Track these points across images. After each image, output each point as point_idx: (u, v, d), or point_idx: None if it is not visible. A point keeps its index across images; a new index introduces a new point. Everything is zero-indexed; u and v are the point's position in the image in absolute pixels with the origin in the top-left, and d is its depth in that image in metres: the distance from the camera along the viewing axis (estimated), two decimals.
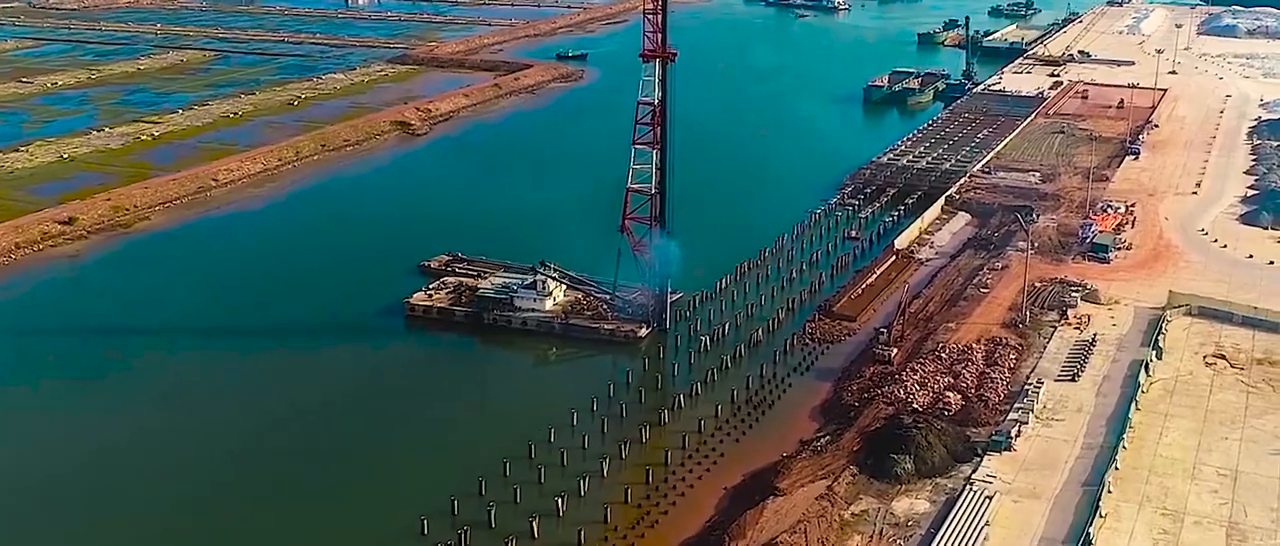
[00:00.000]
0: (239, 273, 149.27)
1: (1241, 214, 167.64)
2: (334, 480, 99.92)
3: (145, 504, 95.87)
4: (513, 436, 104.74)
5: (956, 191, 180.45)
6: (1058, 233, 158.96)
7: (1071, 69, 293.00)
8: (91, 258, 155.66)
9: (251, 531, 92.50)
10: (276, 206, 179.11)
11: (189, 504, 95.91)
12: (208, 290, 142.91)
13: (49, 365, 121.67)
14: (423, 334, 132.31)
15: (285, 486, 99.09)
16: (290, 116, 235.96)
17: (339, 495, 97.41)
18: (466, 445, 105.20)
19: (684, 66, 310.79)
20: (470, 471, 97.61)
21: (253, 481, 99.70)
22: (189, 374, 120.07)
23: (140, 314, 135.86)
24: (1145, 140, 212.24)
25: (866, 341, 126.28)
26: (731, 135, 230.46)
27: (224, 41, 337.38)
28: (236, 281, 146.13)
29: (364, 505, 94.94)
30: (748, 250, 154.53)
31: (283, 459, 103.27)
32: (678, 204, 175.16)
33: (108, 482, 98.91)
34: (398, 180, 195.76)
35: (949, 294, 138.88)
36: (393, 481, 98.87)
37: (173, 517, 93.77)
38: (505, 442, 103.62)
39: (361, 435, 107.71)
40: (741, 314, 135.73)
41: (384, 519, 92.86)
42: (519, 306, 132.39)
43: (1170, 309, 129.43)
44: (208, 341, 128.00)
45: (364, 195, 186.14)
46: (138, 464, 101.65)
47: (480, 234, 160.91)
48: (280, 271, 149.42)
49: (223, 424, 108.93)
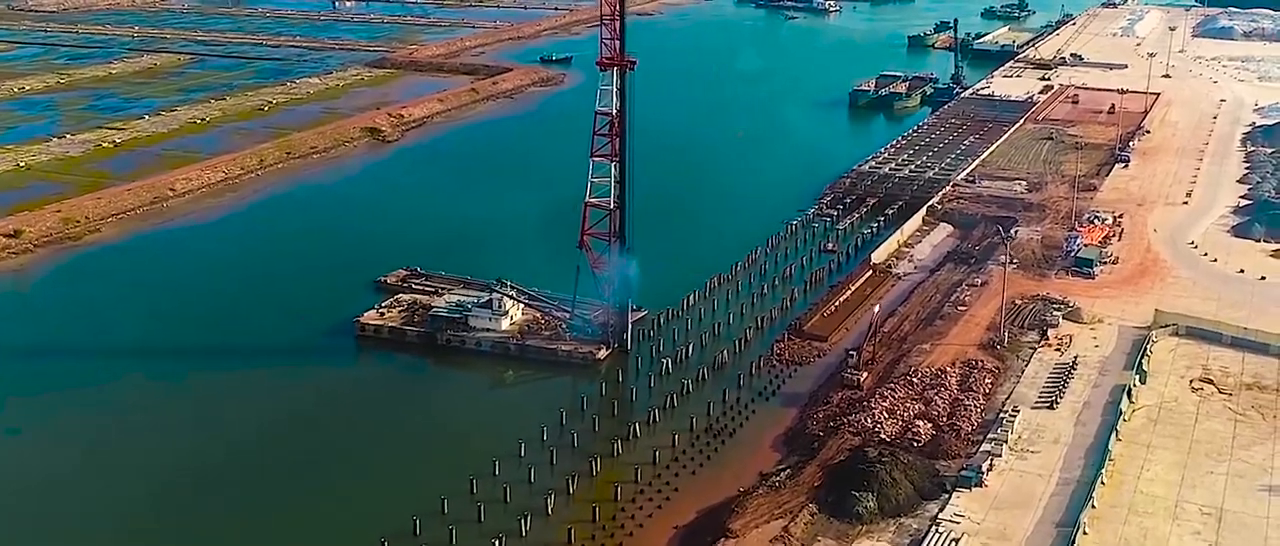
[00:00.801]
0: (187, 289, 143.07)
1: (1233, 225, 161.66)
2: (271, 512, 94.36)
3: (80, 533, 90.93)
4: (457, 468, 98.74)
5: (939, 201, 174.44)
6: (1041, 246, 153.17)
7: (1063, 72, 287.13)
8: (36, 272, 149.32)
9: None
10: (234, 218, 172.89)
11: (125, 534, 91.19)
12: (152, 307, 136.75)
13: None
14: (373, 355, 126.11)
15: (220, 520, 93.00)
16: (259, 122, 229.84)
17: (275, 529, 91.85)
18: (403, 480, 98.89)
19: (670, 70, 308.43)
20: (402, 510, 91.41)
21: (186, 512, 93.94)
22: (124, 398, 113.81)
23: (80, 332, 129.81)
24: (1136, 147, 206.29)
25: (837, 363, 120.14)
26: (711, 142, 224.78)
27: (201, 45, 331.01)
28: (183, 298, 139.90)
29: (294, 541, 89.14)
30: (719, 263, 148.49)
31: (217, 490, 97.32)
32: (649, 214, 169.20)
33: (40, 511, 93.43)
34: (362, 190, 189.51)
35: (925, 312, 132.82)
36: (324, 517, 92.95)
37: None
38: (447, 476, 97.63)
39: (300, 465, 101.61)
40: (707, 333, 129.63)
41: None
42: (473, 326, 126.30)
43: (1156, 329, 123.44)
44: (147, 363, 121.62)
45: (325, 206, 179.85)
46: (72, 492, 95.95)
47: (442, 247, 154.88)
48: (230, 287, 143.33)
49: (157, 451, 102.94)
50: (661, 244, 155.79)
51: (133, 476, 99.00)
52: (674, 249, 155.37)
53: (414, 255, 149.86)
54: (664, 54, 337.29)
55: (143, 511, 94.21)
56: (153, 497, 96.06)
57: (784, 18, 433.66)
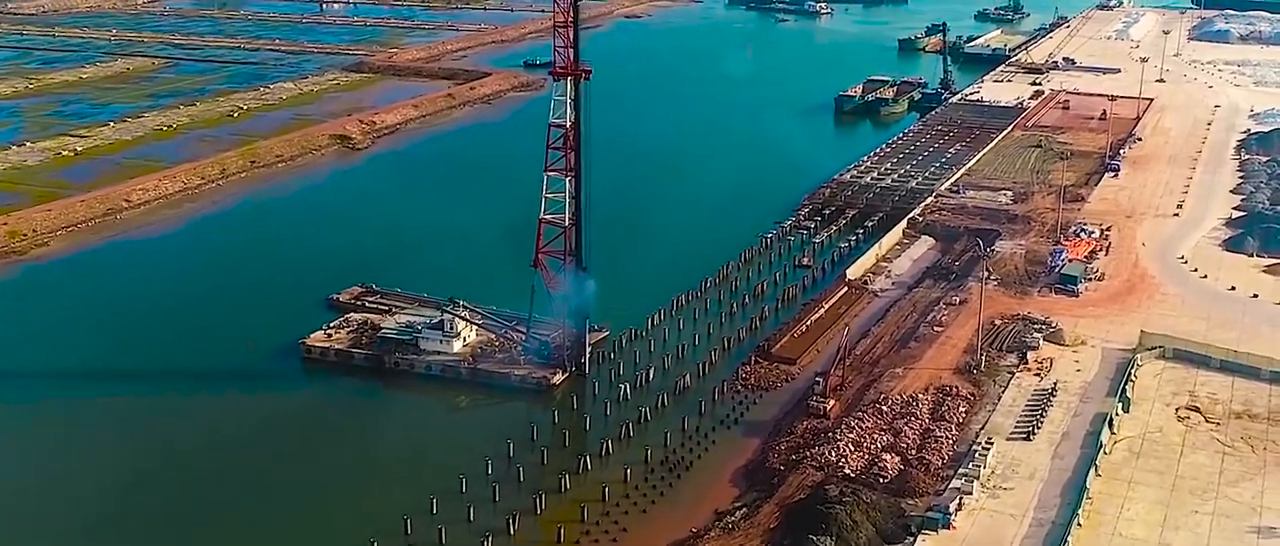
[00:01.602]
0: (130, 307, 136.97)
1: (1225, 238, 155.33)
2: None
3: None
4: (393, 505, 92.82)
5: (920, 213, 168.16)
6: (1025, 261, 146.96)
7: (1054, 77, 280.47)
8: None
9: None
10: (189, 230, 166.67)
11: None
12: (92, 327, 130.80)
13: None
14: (319, 379, 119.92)
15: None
16: (228, 129, 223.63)
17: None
18: (334, 518, 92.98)
19: (654, 74, 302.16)
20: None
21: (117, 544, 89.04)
22: (53, 424, 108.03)
23: (16, 351, 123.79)
24: (1126, 155, 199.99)
25: (805, 388, 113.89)
26: (689, 149, 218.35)
27: (177, 48, 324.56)
28: (125, 317, 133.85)
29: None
30: (689, 279, 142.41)
31: (146, 522, 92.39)
32: (618, 226, 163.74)
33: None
34: (326, 200, 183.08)
35: (900, 333, 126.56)
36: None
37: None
38: (381, 514, 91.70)
39: (232, 497, 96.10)
40: (671, 355, 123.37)
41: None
42: (424, 349, 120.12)
43: (1141, 351, 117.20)
44: (80, 387, 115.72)
45: (285, 217, 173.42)
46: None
47: (402, 262, 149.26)
48: (175, 305, 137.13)
49: (84, 481, 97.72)
50: (629, 258, 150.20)
51: (60, 507, 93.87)
52: (642, 263, 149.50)
53: (371, 270, 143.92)
54: (649, 57, 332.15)
55: (70, 543, 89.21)
56: (80, 528, 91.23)
57: (774, 20, 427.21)
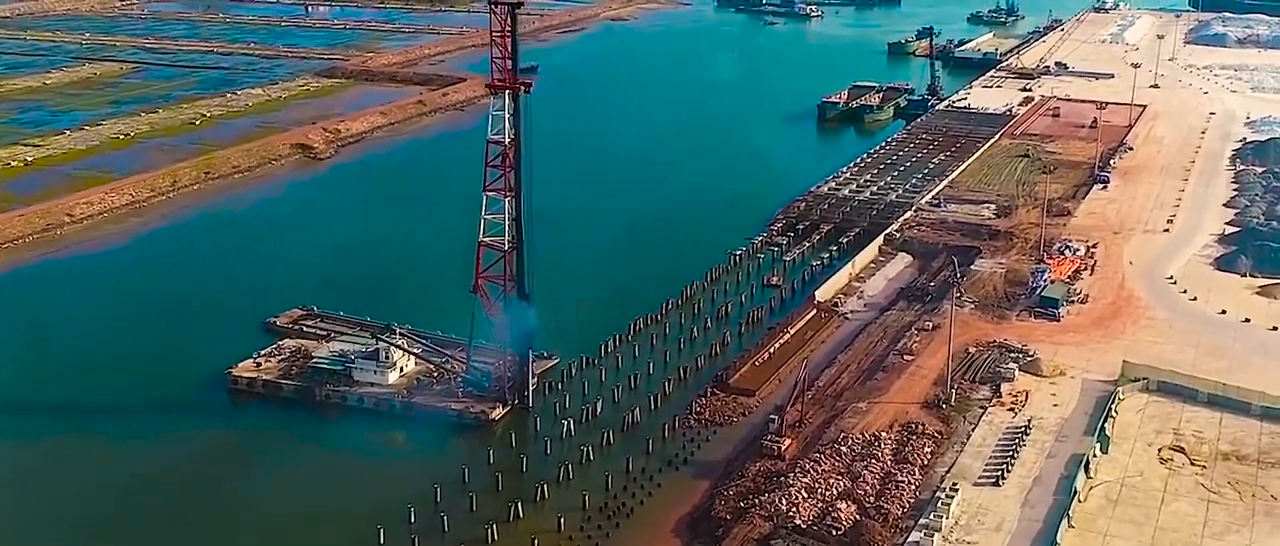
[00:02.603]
0: (57, 331, 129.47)
1: (1217, 256, 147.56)
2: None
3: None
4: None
5: (898, 228, 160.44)
6: (1004, 281, 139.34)
7: (1046, 82, 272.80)
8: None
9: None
10: (132, 248, 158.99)
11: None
12: (10, 354, 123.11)
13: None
14: (245, 411, 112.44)
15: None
16: (188, 138, 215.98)
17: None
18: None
19: (635, 78, 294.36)
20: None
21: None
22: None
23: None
24: (1116, 166, 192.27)
25: (764, 423, 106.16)
26: (663, 158, 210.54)
27: (149, 53, 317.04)
28: (51, 342, 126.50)
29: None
30: (649, 301, 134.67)
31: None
32: (579, 243, 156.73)
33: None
34: (279, 214, 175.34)
35: (868, 362, 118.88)
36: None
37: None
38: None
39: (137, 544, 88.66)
40: (623, 385, 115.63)
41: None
42: (357, 380, 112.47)
43: (1123, 383, 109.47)
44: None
45: (233, 233, 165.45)
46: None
47: (351, 282, 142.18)
48: (106, 330, 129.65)
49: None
50: (588, 278, 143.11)
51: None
52: (601, 284, 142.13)
53: (316, 291, 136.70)
54: (631, 61, 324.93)
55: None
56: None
57: (763, 23, 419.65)
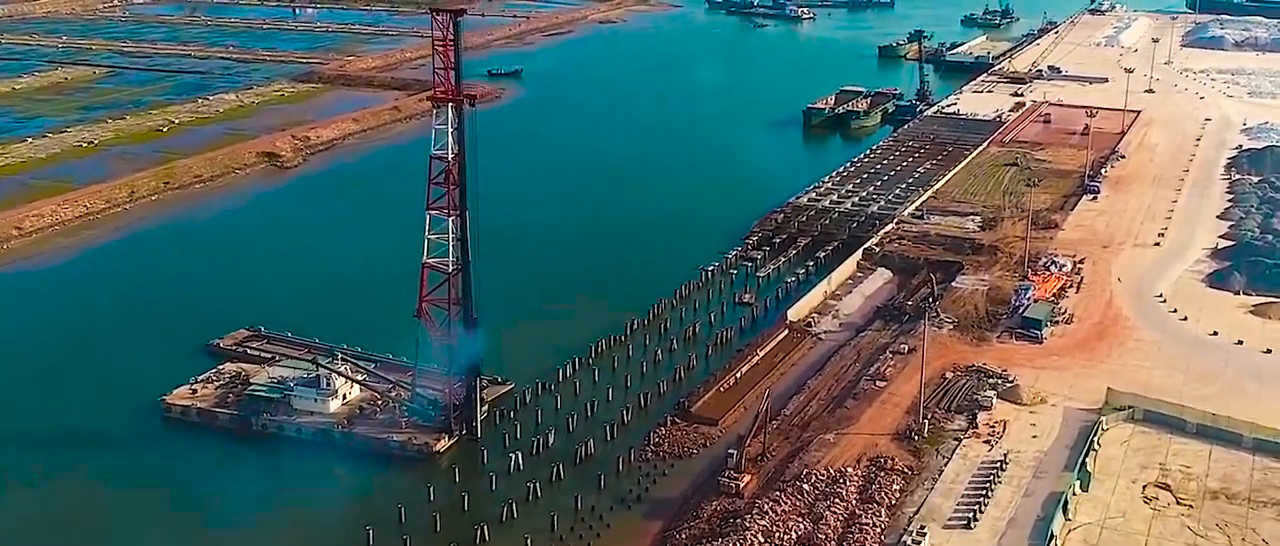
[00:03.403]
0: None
1: (1210, 272, 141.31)
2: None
3: None
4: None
5: (878, 242, 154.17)
6: (986, 300, 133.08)
7: (1038, 87, 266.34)
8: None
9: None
10: (79, 263, 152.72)
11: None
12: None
13: None
14: (178, 442, 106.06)
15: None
16: (153, 146, 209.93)
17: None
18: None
19: (618, 83, 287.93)
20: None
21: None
22: None
23: None
24: (1107, 175, 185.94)
25: (725, 456, 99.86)
26: (640, 167, 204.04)
27: (125, 56, 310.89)
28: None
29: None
30: (614, 320, 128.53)
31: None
32: (544, 257, 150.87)
33: None
34: (237, 227, 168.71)
35: (839, 388, 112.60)
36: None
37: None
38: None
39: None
40: (579, 414, 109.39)
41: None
42: (297, 409, 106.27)
43: (1107, 413, 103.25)
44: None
45: (187, 247, 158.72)
46: None
47: (305, 300, 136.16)
48: (39, 352, 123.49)
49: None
50: (551, 295, 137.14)
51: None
52: (566, 301, 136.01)
53: (266, 310, 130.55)
54: (617, 65, 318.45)
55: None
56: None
57: (753, 25, 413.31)
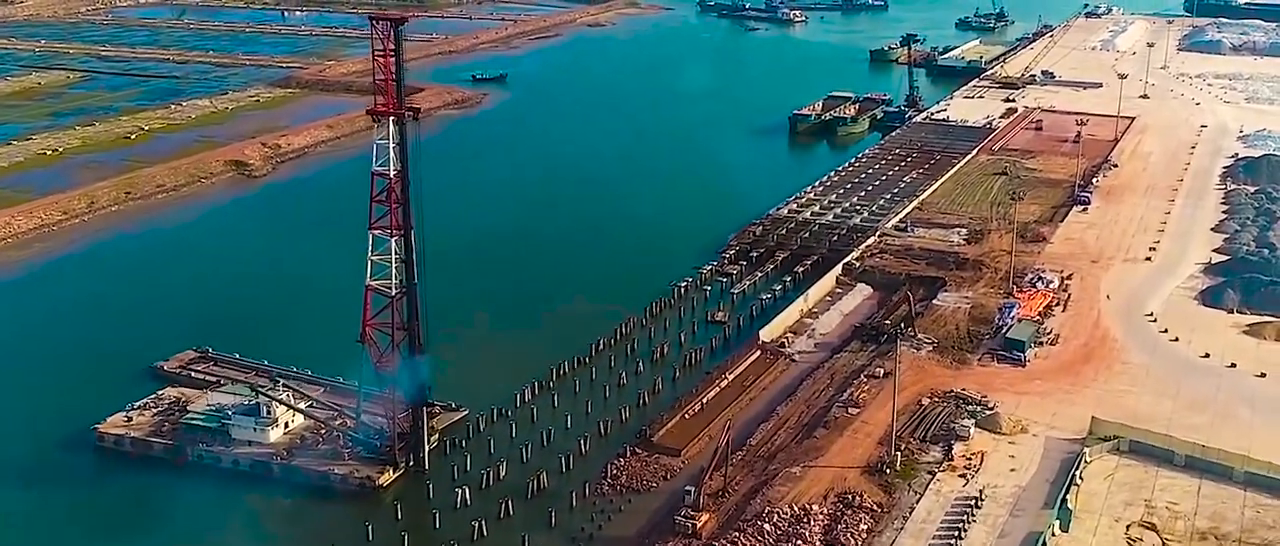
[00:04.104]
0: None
1: (1202, 289, 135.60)
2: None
3: None
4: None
5: (859, 256, 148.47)
6: (968, 318, 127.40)
7: (1030, 93, 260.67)
8: None
9: None
10: (28, 279, 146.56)
11: None
12: None
13: None
14: (110, 474, 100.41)
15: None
16: (120, 153, 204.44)
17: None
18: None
19: (603, 89, 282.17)
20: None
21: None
22: None
23: None
24: (1098, 185, 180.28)
25: (682, 493, 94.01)
26: (617, 177, 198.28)
27: (102, 61, 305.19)
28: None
29: None
30: (579, 340, 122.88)
31: None
32: (510, 274, 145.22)
33: None
34: (195, 240, 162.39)
35: (809, 415, 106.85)
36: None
37: None
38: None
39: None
40: (534, 443, 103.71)
41: None
42: (235, 438, 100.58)
43: (1091, 443, 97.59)
44: None
45: (140, 262, 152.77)
46: None
47: (258, 318, 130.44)
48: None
49: None
50: (514, 314, 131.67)
51: None
52: (529, 320, 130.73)
53: (216, 330, 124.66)
54: (603, 70, 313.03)
55: None
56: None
57: (744, 29, 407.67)
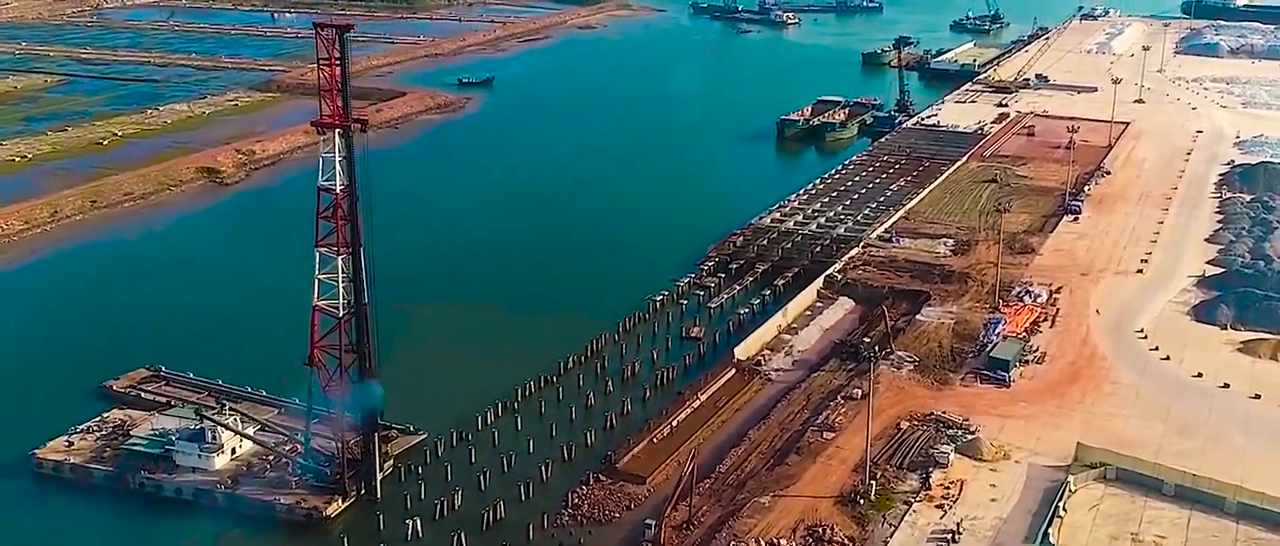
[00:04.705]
0: None
1: (1195, 304, 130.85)
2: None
3: None
4: None
5: (842, 268, 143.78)
6: (952, 335, 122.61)
7: (1023, 97, 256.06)
8: None
9: None
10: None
11: None
12: None
13: None
14: (48, 502, 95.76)
15: None
16: (91, 160, 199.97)
17: None
18: None
19: (589, 92, 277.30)
20: None
21: None
22: None
23: None
24: (1090, 194, 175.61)
25: (643, 527, 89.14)
26: (599, 184, 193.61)
27: (82, 64, 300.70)
28: None
29: None
30: (548, 358, 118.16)
31: None
32: (477, 288, 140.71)
33: None
34: (159, 251, 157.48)
35: (782, 439, 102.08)
36: None
37: None
38: None
39: None
40: (495, 470, 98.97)
41: None
42: (179, 465, 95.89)
43: (1076, 471, 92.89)
44: None
45: (99, 274, 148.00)
46: None
47: (214, 334, 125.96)
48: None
49: None
50: (481, 329, 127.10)
51: None
52: (497, 336, 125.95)
53: (171, 347, 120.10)
54: (592, 73, 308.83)
55: None
56: None
57: (737, 31, 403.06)
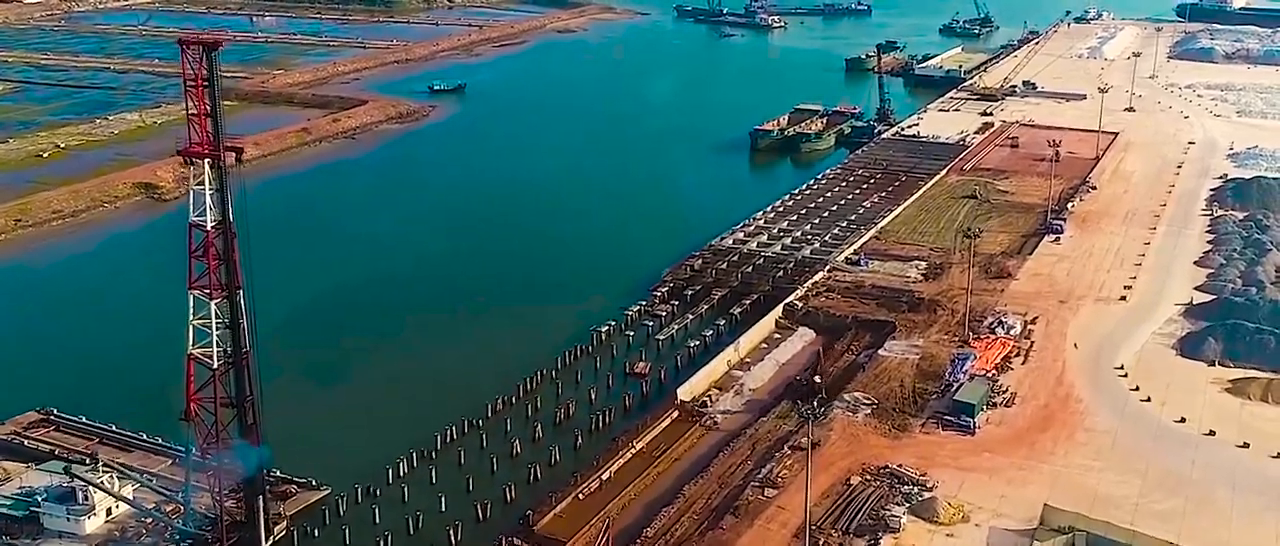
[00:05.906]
0: None
1: (1181, 336, 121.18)
2: None
3: None
4: None
5: (803, 295, 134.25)
6: (915, 372, 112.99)
7: (1009, 105, 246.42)
8: None
9: None
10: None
11: None
12: None
13: None
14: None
15: None
16: (25, 174, 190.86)
17: None
18: None
19: (560, 99, 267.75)
20: None
21: None
22: None
23: None
24: (1074, 210, 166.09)
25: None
26: (550, 201, 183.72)
27: (39, 70, 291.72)
28: None
29: None
30: (472, 402, 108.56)
31: None
32: (404, 319, 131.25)
33: None
34: (79, 275, 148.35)
35: (719, 497, 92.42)
36: None
37: None
38: None
39: None
40: (401, 530, 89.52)
41: None
42: (46, 529, 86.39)
43: (1042, 537, 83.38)
44: None
45: (9, 302, 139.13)
46: None
47: (121, 372, 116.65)
48: None
49: None
50: (408, 366, 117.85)
51: None
52: (420, 375, 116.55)
53: (69, 386, 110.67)
54: (568, 79, 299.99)
55: None
56: None
57: (721, 35, 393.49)
